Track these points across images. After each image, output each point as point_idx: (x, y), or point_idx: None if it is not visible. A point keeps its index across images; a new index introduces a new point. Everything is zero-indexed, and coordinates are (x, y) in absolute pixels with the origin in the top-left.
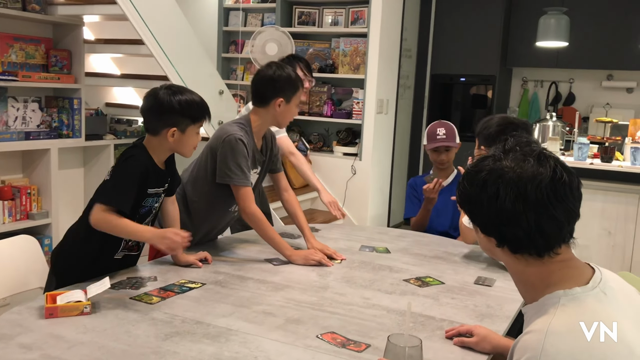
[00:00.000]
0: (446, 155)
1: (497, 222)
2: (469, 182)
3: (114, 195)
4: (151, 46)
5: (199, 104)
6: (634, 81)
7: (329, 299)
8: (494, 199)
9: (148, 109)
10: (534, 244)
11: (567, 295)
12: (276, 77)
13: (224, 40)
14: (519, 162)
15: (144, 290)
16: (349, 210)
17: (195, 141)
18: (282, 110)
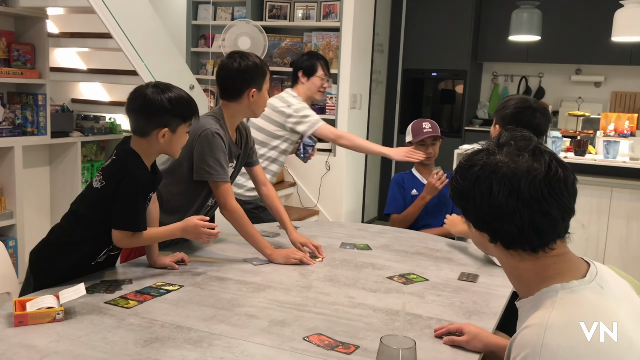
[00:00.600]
0: (433, 148)
1: (489, 218)
2: (461, 176)
3: (131, 221)
4: (119, 40)
5: (188, 101)
6: (602, 75)
7: (313, 299)
8: (487, 195)
9: (137, 110)
10: (528, 241)
11: (564, 289)
12: (243, 68)
13: (193, 34)
14: (513, 157)
15: (120, 293)
16: (324, 207)
17: (184, 140)
18: (256, 100)
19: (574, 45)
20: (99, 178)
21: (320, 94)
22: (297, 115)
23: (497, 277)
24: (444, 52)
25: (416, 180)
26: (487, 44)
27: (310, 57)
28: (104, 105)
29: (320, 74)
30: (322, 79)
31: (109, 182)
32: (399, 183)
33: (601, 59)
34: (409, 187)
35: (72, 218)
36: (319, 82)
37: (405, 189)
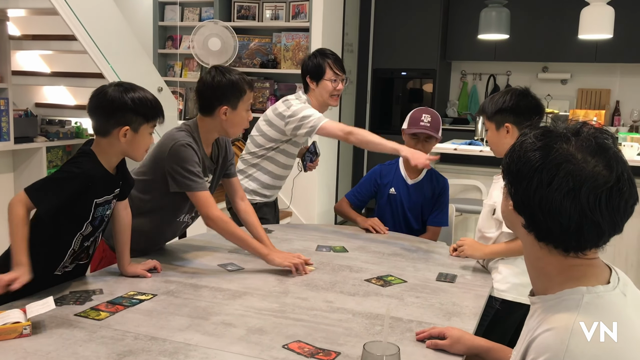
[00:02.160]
0: (423, 146)
1: (536, 207)
2: (524, 155)
3: (40, 190)
4: (84, 42)
5: (152, 101)
6: (568, 73)
7: (290, 304)
8: (545, 186)
9: (96, 108)
10: (565, 242)
11: (590, 293)
12: (216, 84)
13: (160, 36)
14: (586, 156)
15: (90, 305)
16: (297, 209)
17: (148, 142)
18: (229, 118)
19: (540, 44)
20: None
21: (335, 99)
22: (295, 117)
23: (475, 277)
24: (413, 51)
25: (398, 176)
26: (455, 43)
27: (315, 56)
28: (70, 109)
29: (329, 75)
30: (333, 80)
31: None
32: (376, 176)
33: (567, 56)
34: (387, 183)
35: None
36: (329, 85)
37: (382, 184)
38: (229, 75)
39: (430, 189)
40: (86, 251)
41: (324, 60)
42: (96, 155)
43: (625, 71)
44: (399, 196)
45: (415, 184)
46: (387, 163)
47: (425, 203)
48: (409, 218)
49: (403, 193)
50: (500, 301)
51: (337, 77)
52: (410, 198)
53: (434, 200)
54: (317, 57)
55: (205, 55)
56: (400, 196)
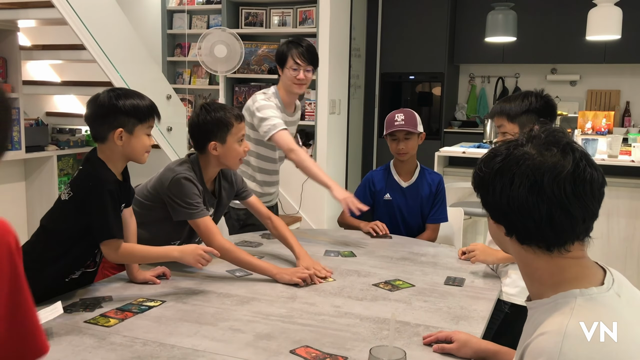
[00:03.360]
0: (405, 144)
1: (507, 210)
2: (485, 165)
3: (106, 229)
4: (93, 51)
5: (144, 101)
6: (577, 74)
7: (298, 309)
8: (508, 186)
9: (91, 115)
10: (544, 237)
11: (583, 295)
12: (201, 122)
13: (169, 44)
14: (541, 150)
15: (100, 312)
16: (306, 214)
17: (146, 143)
18: (221, 153)
19: (549, 45)
20: (67, 190)
21: (299, 87)
22: (257, 115)
23: (484, 281)
24: (421, 55)
25: (391, 181)
26: (463, 46)
27: (284, 44)
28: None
29: (290, 64)
30: (294, 69)
31: (76, 192)
32: (369, 184)
33: (576, 58)
34: (381, 189)
35: (42, 233)
36: (290, 73)
37: (376, 191)
38: (214, 113)
39: (426, 187)
40: (93, 259)
41: (289, 48)
42: (105, 163)
43: (635, 72)
44: (395, 201)
45: (409, 186)
46: (378, 169)
47: (424, 203)
48: (407, 222)
49: (399, 197)
50: (509, 305)
51: (298, 66)
52: (407, 201)
53: (432, 198)
54: (285, 45)
55: (212, 62)
56: (396, 201)
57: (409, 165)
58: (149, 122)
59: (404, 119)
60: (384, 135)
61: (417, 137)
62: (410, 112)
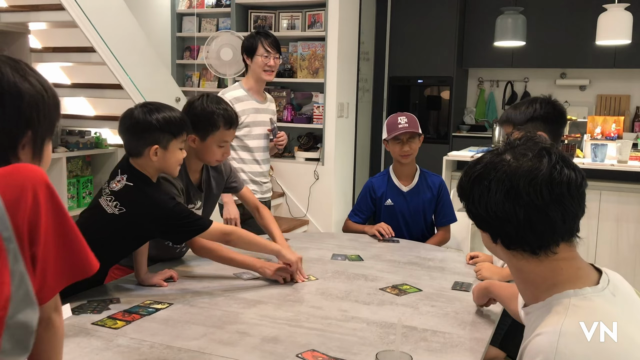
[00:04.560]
0: (409, 146)
1: (487, 217)
2: (465, 174)
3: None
4: (103, 54)
5: (177, 117)
6: (587, 79)
7: (305, 313)
8: (485, 193)
9: (126, 130)
10: (526, 241)
11: (577, 295)
12: (190, 110)
13: (178, 46)
14: (518, 157)
15: (107, 314)
16: (313, 217)
17: (180, 157)
18: (198, 148)
19: (558, 50)
20: (113, 203)
21: (268, 74)
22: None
23: None
24: (430, 58)
25: (391, 186)
26: (471, 50)
27: (252, 36)
28: (89, 119)
29: (260, 51)
30: (265, 56)
31: (130, 209)
32: (369, 191)
33: (585, 62)
34: (382, 195)
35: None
36: (260, 60)
37: (377, 198)
38: (210, 106)
39: (427, 191)
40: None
41: (257, 38)
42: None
43: None
44: (397, 206)
45: (410, 190)
46: (378, 175)
47: (426, 206)
48: (410, 226)
49: (400, 202)
50: None
51: (268, 53)
52: (409, 206)
53: (436, 201)
54: (253, 36)
55: (219, 65)
56: (398, 206)
57: (409, 169)
58: (183, 136)
59: (407, 121)
60: (384, 140)
61: (419, 139)
62: (411, 115)
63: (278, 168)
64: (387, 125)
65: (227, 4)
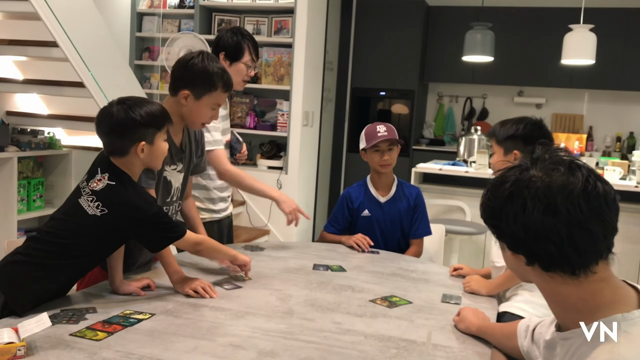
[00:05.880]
0: (389, 155)
1: (525, 237)
2: (493, 194)
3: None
4: (66, 49)
5: (158, 109)
6: (544, 97)
7: (298, 325)
8: (521, 212)
9: (108, 132)
10: (568, 261)
11: (626, 320)
12: (190, 66)
13: (137, 47)
14: (548, 172)
15: (85, 324)
16: (275, 227)
17: (164, 148)
18: (190, 106)
19: (517, 68)
20: (94, 204)
21: (244, 85)
22: None
23: (480, 298)
24: (393, 71)
25: (369, 196)
26: (433, 64)
27: (235, 34)
28: (43, 118)
29: (247, 59)
30: (249, 66)
31: (112, 210)
32: (346, 201)
33: (543, 81)
34: (359, 206)
35: (53, 242)
36: (244, 70)
37: (354, 208)
38: (208, 65)
39: (404, 201)
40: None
41: (244, 41)
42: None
43: (597, 97)
44: (374, 217)
45: (388, 200)
46: (355, 185)
47: (403, 217)
48: (386, 237)
49: (377, 213)
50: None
51: (252, 63)
52: (386, 216)
53: (412, 212)
54: (238, 35)
55: None
56: (375, 216)
57: (387, 179)
58: (165, 127)
59: (386, 130)
60: (362, 149)
61: (397, 149)
62: (388, 124)
63: None
64: (366, 135)
65: (191, 5)
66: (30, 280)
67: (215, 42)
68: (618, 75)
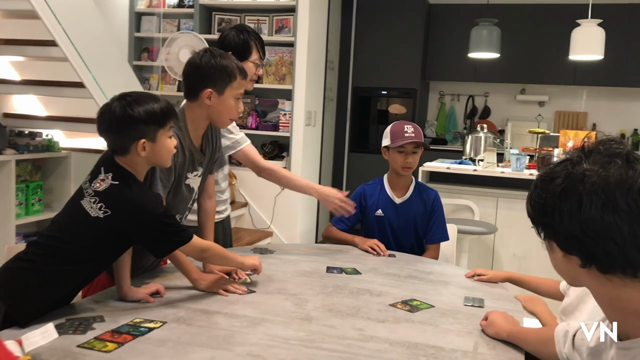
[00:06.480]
0: (413, 158)
1: (583, 236)
2: (543, 190)
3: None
4: (65, 48)
5: (161, 105)
6: (546, 95)
7: (318, 332)
8: (577, 209)
9: (108, 129)
10: (629, 261)
11: None
12: (203, 64)
13: (136, 47)
14: (604, 165)
15: (93, 334)
16: (278, 228)
17: (170, 146)
18: (215, 104)
19: (519, 66)
20: (97, 205)
21: (253, 84)
22: None
23: (503, 301)
24: (394, 70)
25: (384, 196)
26: (434, 63)
27: (241, 32)
28: (41, 120)
29: (254, 57)
30: (257, 65)
31: (116, 211)
32: (360, 198)
33: (545, 78)
34: (372, 205)
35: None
36: (252, 68)
37: (367, 206)
38: (221, 59)
39: (420, 204)
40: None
41: (251, 39)
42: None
43: (601, 94)
44: (387, 217)
45: (403, 202)
46: (371, 183)
47: (418, 220)
48: (399, 239)
49: (391, 214)
50: None
51: (260, 61)
52: (399, 218)
53: (428, 216)
54: (244, 33)
55: (179, 67)
56: (387, 217)
57: (406, 180)
58: (170, 124)
59: (414, 131)
60: (385, 147)
61: (421, 151)
62: (415, 124)
63: (241, 177)
64: (392, 133)
65: (190, 4)
66: (32, 288)
67: (220, 41)
68: (621, 72)
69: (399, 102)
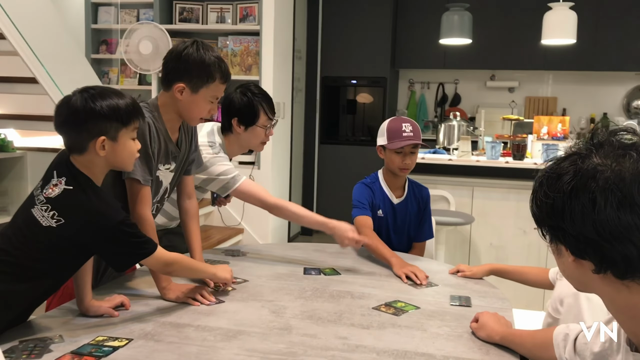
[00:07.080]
0: (411, 159)
1: (597, 238)
2: (550, 188)
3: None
4: (15, 41)
5: (126, 102)
6: (516, 81)
7: (299, 344)
8: (591, 209)
9: (64, 123)
10: None
11: None
12: (184, 57)
13: (93, 40)
14: (617, 158)
15: (50, 357)
16: (249, 225)
17: (133, 149)
18: (186, 100)
19: (488, 52)
20: (49, 213)
21: (263, 147)
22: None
23: (490, 299)
24: (363, 59)
25: (383, 196)
26: (403, 51)
27: (244, 94)
28: None
29: (263, 121)
30: (267, 127)
31: (70, 220)
32: (369, 190)
33: (515, 64)
34: (377, 204)
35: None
36: (262, 133)
37: (374, 203)
38: (204, 53)
39: (415, 204)
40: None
41: (258, 102)
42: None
43: (571, 79)
44: (386, 218)
45: (400, 203)
46: (368, 179)
47: (412, 220)
48: (392, 240)
49: (389, 215)
50: None
51: (269, 122)
52: (396, 219)
53: (421, 215)
54: (248, 95)
55: (140, 60)
56: (387, 218)
57: (402, 180)
58: (134, 124)
59: (412, 130)
60: (380, 146)
61: (418, 150)
62: (412, 121)
63: None
64: (389, 131)
65: None
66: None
67: (226, 105)
68: (590, 56)
69: (368, 92)
